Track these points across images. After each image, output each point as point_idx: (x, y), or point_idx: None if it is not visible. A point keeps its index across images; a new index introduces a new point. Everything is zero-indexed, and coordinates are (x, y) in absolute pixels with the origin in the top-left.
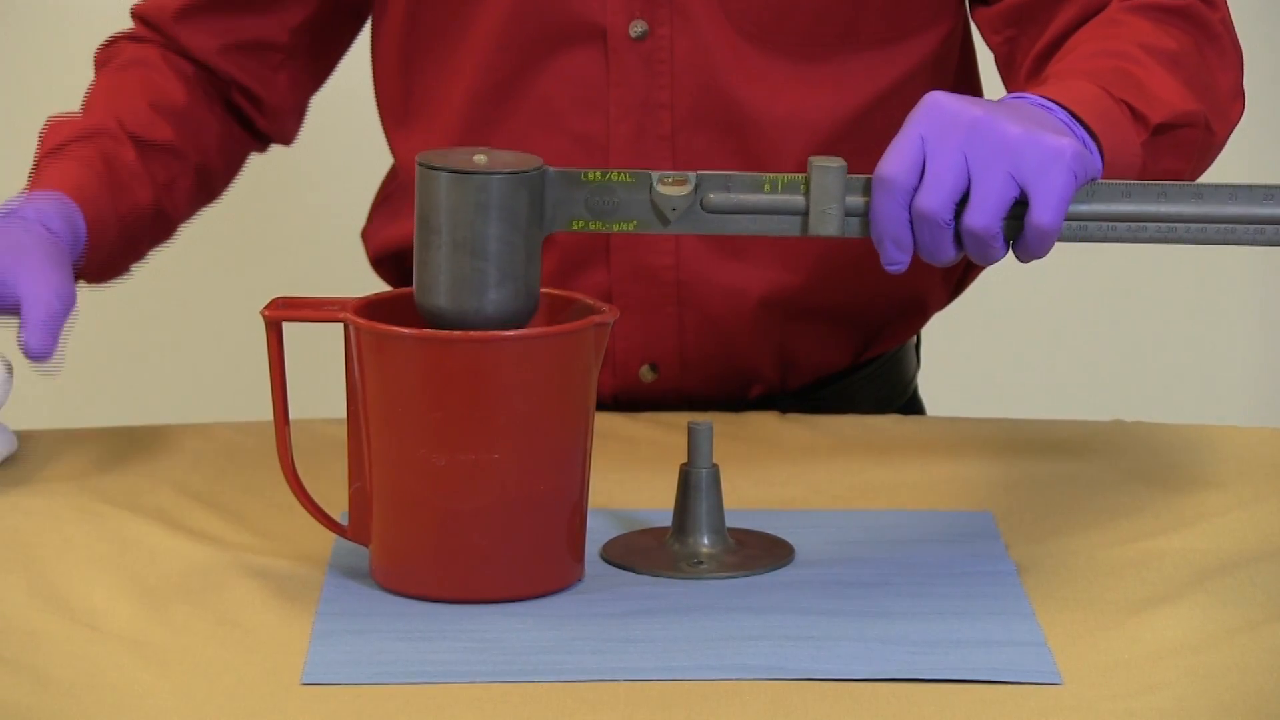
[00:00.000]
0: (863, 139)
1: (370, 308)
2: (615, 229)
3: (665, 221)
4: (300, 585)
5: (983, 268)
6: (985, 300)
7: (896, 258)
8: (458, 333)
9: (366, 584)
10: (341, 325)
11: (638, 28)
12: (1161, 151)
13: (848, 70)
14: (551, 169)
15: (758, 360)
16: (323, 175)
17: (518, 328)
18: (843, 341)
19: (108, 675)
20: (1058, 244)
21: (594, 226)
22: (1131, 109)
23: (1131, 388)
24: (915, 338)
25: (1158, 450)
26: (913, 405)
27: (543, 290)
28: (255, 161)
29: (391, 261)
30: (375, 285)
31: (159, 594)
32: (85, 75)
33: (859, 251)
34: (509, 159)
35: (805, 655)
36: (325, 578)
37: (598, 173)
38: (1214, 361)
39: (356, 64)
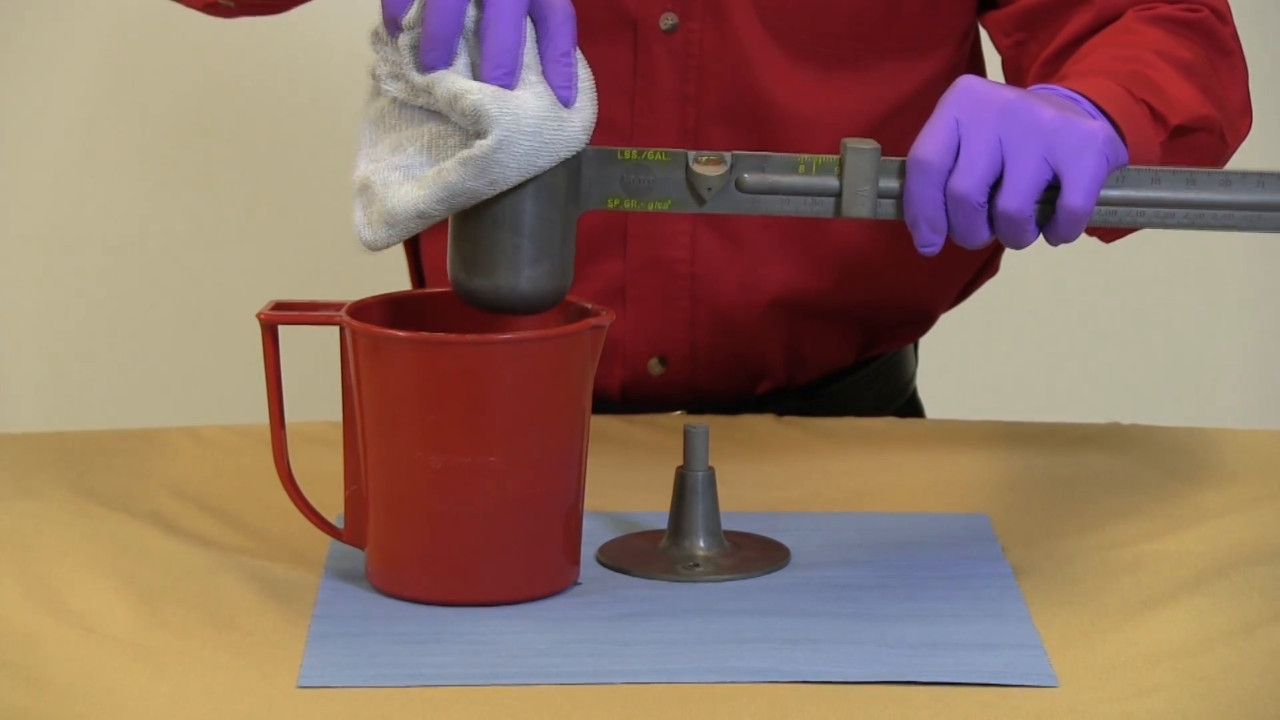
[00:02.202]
0: (882, 143)
1: (365, 310)
2: (650, 208)
3: (700, 201)
4: (296, 588)
5: (989, 276)
6: (983, 302)
7: (931, 239)
8: (453, 335)
9: (362, 587)
10: (337, 328)
11: (668, 20)
12: (1178, 154)
13: (874, 76)
14: (589, 146)
15: (766, 356)
16: (321, 178)
17: (552, 306)
18: (849, 341)
19: (103, 678)
20: (1065, 240)
21: (629, 205)
22: (1151, 109)
23: (1128, 390)
24: None
25: (1154, 452)
26: (912, 405)
27: None
28: (254, 164)
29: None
30: (373, 287)
31: (154, 596)
32: (86, 77)
33: (872, 256)
34: None
35: (801, 658)
36: (321, 580)
37: (634, 151)
38: (1211, 364)
39: (359, 64)
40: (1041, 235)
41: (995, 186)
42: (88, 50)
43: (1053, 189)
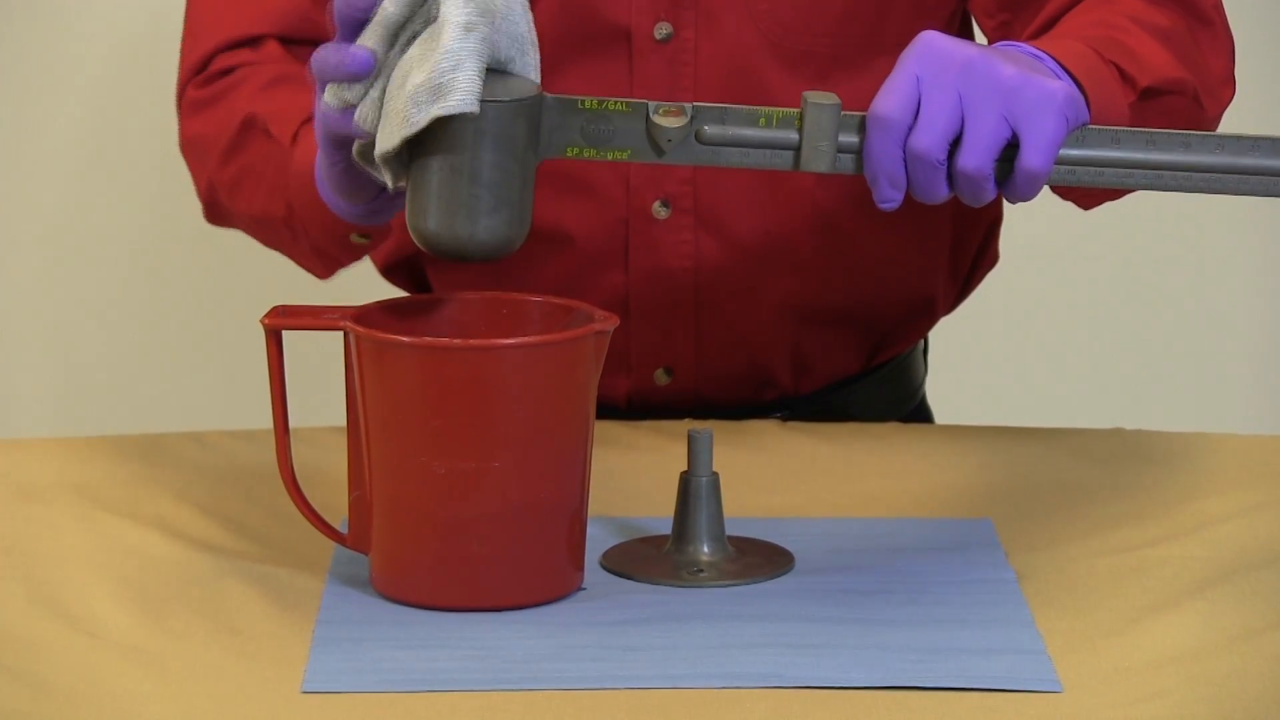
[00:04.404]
0: None
1: (370, 316)
2: (609, 157)
3: (660, 152)
4: (300, 593)
5: (988, 269)
6: (988, 308)
7: (890, 195)
8: (457, 340)
9: (366, 592)
10: (341, 333)
11: (663, 30)
12: (1150, 117)
13: (869, 74)
14: (549, 95)
15: (772, 364)
16: None
17: (508, 253)
18: (855, 345)
19: (107, 683)
20: (1060, 232)
21: (589, 154)
22: (1120, 70)
23: (1130, 396)
24: (923, 344)
25: (1157, 458)
26: (921, 411)
27: (542, 299)
28: None
29: (404, 269)
30: (376, 293)
31: (159, 602)
32: (91, 79)
33: (872, 249)
34: (504, 87)
35: (805, 663)
36: (325, 586)
37: (595, 100)
38: (1213, 369)
39: None
40: (1002, 193)
41: (955, 143)
42: (93, 51)
43: (1013, 147)
